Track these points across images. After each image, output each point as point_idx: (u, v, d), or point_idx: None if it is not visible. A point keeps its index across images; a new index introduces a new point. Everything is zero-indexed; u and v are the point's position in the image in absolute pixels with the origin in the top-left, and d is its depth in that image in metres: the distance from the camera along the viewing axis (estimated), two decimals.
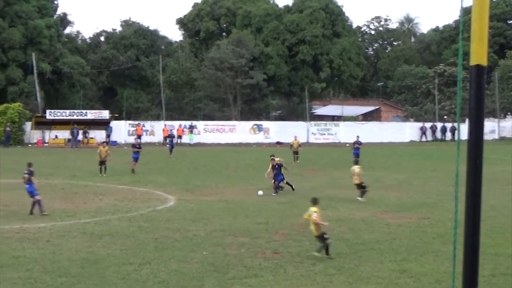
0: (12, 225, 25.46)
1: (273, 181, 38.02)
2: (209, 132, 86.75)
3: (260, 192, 36.69)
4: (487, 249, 20.17)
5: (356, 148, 56.27)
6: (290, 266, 20.58)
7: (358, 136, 58.48)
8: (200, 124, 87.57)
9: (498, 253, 22.52)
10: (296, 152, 57.45)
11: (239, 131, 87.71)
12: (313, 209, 22.41)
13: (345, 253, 22.64)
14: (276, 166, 38.05)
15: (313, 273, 20.09)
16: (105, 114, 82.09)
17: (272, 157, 39.20)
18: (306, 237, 25.26)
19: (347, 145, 59.03)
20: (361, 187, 35.16)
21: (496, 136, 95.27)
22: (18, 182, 33.48)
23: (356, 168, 35.62)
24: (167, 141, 68.31)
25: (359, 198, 34.58)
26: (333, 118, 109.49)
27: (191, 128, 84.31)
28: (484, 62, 7.83)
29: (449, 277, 16.84)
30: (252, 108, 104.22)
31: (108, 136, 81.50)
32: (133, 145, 51.33)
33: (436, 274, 19.85)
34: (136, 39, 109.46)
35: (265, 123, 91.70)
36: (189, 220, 28.85)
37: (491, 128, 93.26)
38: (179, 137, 78.61)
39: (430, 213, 31.19)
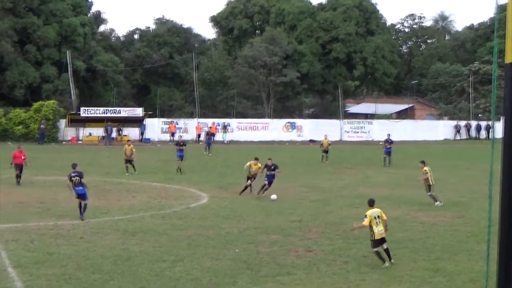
0: (47, 221, 25.68)
1: (265, 181, 35.81)
2: (242, 129, 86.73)
3: (274, 197, 34.35)
4: None
5: (388, 147, 55.14)
6: (323, 264, 20.57)
7: (389, 135, 57.63)
8: (233, 122, 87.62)
9: None
10: (326, 151, 56.45)
11: (272, 129, 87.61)
12: (377, 209, 21.26)
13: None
14: (272, 167, 36.16)
15: (346, 271, 20.06)
16: (138, 111, 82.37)
17: (255, 159, 37.15)
18: (339, 235, 25.25)
19: (380, 143, 58.59)
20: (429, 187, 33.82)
21: None
22: (53, 179, 33.76)
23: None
24: (205, 139, 68.01)
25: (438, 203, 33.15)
26: (367, 116, 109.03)
27: (225, 127, 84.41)
28: None
29: (483, 276, 16.73)
30: (285, 106, 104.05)
31: (141, 133, 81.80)
32: (177, 143, 49.21)
33: (470, 273, 19.74)
34: (169, 37, 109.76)
35: (298, 121, 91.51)
36: (222, 218, 28.92)
37: None
38: (212, 134, 78.76)
39: (464, 212, 31.01)
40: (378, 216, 20.70)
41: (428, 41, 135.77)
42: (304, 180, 41.98)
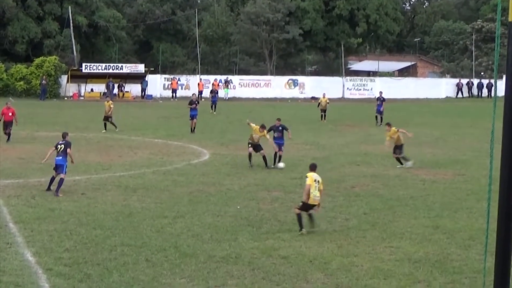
0: (49, 178, 25.71)
1: (275, 147, 31.86)
2: (244, 86, 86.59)
3: (281, 165, 30.88)
4: None
5: (379, 104, 53.66)
6: (323, 221, 20.63)
7: (381, 92, 56.68)
8: (235, 79, 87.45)
9: None
10: (324, 110, 55.31)
11: (274, 86, 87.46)
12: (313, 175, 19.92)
13: (379, 208, 22.65)
14: (280, 128, 32.71)
15: (346, 228, 20.14)
16: (140, 68, 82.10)
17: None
18: (340, 193, 25.32)
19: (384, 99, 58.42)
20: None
21: None
22: (55, 135, 33.65)
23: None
24: (210, 97, 65.96)
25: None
26: (369, 73, 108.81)
27: (227, 82, 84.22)
28: None
29: (482, 233, 16.80)
30: (288, 63, 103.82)
31: (143, 90, 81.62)
32: (191, 102, 46.34)
33: (469, 230, 19.81)
34: None
35: (300, 78, 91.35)
36: (224, 174, 28.99)
37: None
38: (216, 92, 78.64)
39: (465, 170, 31.05)
40: (318, 181, 19.69)
41: None
42: (305, 137, 41.96)
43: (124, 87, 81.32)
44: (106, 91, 77.39)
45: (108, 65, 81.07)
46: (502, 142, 7.91)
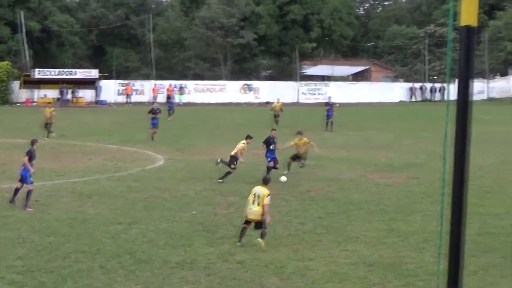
0: (2, 185, 25.45)
1: (268, 161, 30.31)
2: (199, 91, 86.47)
3: (283, 178, 28.70)
4: (474, 209, 20.29)
5: (329, 109, 52.54)
6: (279, 226, 20.67)
7: (330, 97, 56.61)
8: (190, 84, 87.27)
9: (485, 213, 22.68)
10: (277, 116, 54.35)
11: (229, 91, 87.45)
12: (266, 191, 18.88)
13: (334, 212, 22.76)
14: (275, 141, 30.93)
15: (302, 232, 20.20)
16: (94, 73, 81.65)
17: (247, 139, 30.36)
18: (295, 197, 25.38)
19: (337, 105, 58.66)
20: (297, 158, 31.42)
21: (484, 97, 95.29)
22: (7, 142, 33.43)
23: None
24: (167, 103, 64.94)
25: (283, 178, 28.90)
26: (323, 78, 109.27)
27: (181, 88, 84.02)
28: (473, 22, 7.80)
29: (436, 236, 16.96)
30: (242, 68, 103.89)
31: (97, 95, 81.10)
32: (151, 111, 45.30)
33: (423, 233, 19.98)
34: None
35: (255, 83, 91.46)
36: (179, 180, 28.91)
37: (480, 88, 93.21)
38: (169, 97, 78.29)
39: (419, 173, 31.31)
40: (258, 196, 18.75)
41: (385, 3, 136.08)
42: (260, 142, 41.99)
43: (77, 93, 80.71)
44: (60, 96, 76.76)
45: (62, 71, 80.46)
46: (454, 145, 7.99)
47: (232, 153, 29.29)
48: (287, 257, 17.51)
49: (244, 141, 29.72)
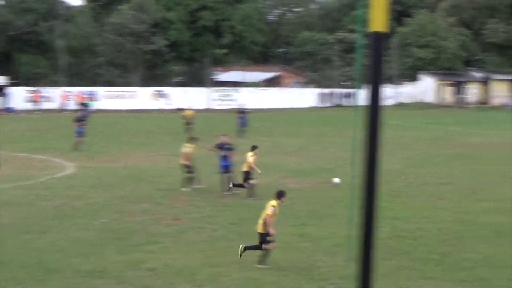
0: None
1: (220, 168, 28.70)
2: (110, 98, 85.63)
3: (336, 180, 29.24)
4: (384, 213, 20.57)
5: (241, 117, 52.12)
6: (191, 232, 20.63)
7: (243, 104, 56.38)
8: (100, 90, 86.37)
9: (394, 217, 23.05)
10: (189, 124, 52.83)
11: (140, 97, 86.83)
12: (272, 202, 18.51)
13: (247, 218, 22.79)
14: (226, 147, 29.29)
15: (214, 238, 20.19)
16: (2, 80, 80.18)
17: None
18: (207, 203, 25.34)
19: (249, 111, 58.74)
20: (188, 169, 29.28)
21: (394, 102, 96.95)
22: None
23: (186, 147, 29.59)
24: (80, 110, 62.96)
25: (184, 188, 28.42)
26: (235, 84, 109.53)
27: (91, 95, 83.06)
28: (382, 29, 7.92)
29: (348, 240, 17.16)
30: (154, 74, 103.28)
31: (5, 103, 79.55)
32: (77, 119, 44.04)
33: (335, 237, 20.19)
34: (34, 3, 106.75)
35: (166, 90, 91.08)
36: (90, 187, 28.55)
37: (389, 94, 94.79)
38: (82, 104, 77.20)
39: (331, 178, 31.59)
40: (265, 208, 18.42)
41: (295, 9, 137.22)
42: (172, 148, 41.79)
43: None
44: None
45: None
46: (364, 150, 8.09)
47: (244, 169, 27.68)
48: (199, 263, 17.46)
49: (251, 153, 28.15)
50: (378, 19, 7.86)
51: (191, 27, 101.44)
